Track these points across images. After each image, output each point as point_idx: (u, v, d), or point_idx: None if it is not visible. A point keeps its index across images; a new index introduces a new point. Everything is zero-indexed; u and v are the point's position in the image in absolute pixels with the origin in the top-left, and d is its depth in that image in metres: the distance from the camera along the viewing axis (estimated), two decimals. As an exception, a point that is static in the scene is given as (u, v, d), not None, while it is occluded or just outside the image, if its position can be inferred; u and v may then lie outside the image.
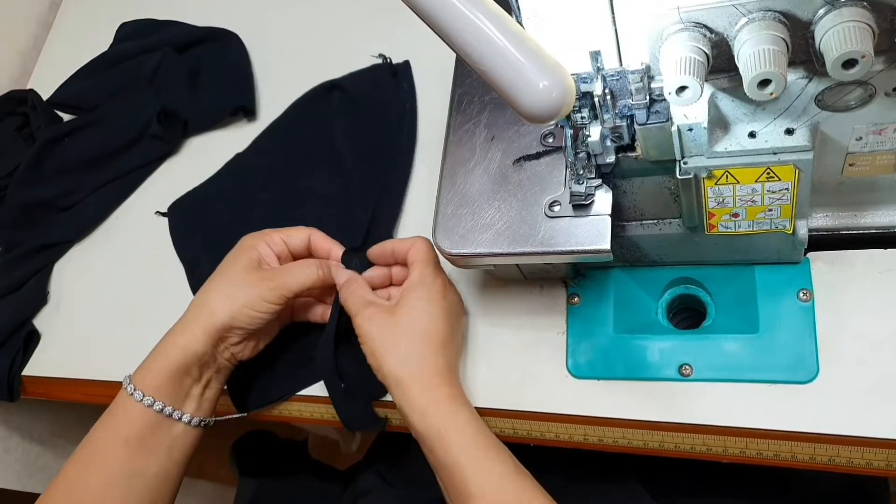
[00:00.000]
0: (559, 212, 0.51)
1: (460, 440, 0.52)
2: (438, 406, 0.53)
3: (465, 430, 0.52)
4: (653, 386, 0.56)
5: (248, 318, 0.58)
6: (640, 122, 0.45)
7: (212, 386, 0.60)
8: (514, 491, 0.50)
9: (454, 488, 0.52)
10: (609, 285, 0.59)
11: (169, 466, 0.57)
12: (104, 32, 0.92)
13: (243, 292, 0.58)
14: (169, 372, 0.56)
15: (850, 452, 0.51)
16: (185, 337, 0.57)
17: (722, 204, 0.50)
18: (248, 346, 0.61)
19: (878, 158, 0.48)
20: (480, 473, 0.51)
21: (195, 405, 0.58)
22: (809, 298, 0.54)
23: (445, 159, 0.57)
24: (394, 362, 0.55)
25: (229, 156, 0.79)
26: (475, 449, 0.52)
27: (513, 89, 0.37)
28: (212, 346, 0.58)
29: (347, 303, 0.59)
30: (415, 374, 0.54)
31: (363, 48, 0.79)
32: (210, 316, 0.57)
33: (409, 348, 0.55)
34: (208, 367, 0.59)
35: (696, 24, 0.40)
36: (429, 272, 0.57)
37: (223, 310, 0.57)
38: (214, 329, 0.57)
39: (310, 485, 0.79)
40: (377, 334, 0.56)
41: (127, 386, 0.56)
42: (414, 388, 0.54)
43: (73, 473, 0.55)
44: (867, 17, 0.37)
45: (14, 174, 0.84)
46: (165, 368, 0.56)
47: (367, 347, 0.56)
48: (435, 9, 0.37)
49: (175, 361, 0.56)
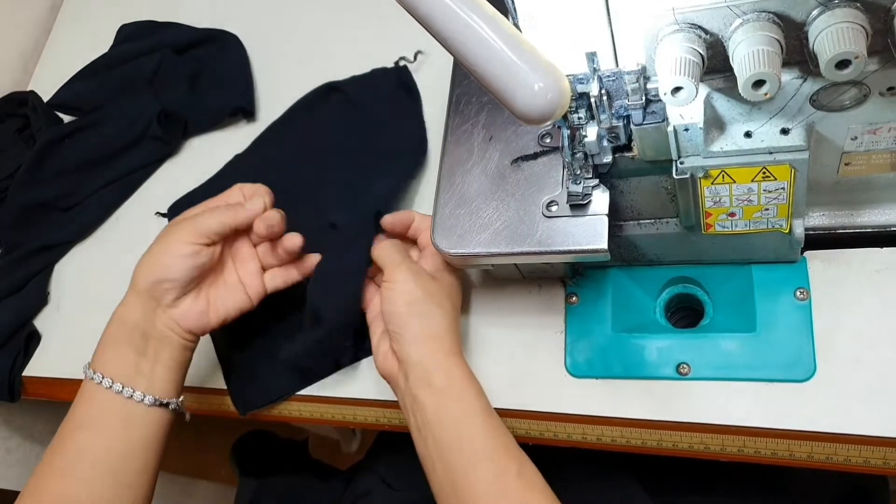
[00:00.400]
0: (557, 212, 0.52)
1: (478, 405, 0.53)
2: (464, 370, 0.54)
3: (482, 398, 0.53)
4: (651, 385, 0.56)
5: (169, 265, 0.57)
6: (636, 122, 0.45)
7: (161, 361, 0.58)
8: (517, 461, 0.51)
9: (450, 451, 0.52)
10: (607, 284, 0.59)
11: (131, 448, 0.55)
12: (104, 34, 0.93)
13: (160, 244, 0.58)
14: (112, 346, 0.56)
15: (847, 451, 0.51)
16: (121, 308, 0.57)
17: (718, 203, 0.50)
18: (187, 307, 0.59)
19: (873, 158, 0.48)
20: (490, 439, 0.52)
21: (146, 382, 0.56)
22: (806, 297, 0.54)
23: (443, 159, 0.57)
24: (434, 322, 0.54)
25: (229, 157, 0.80)
26: (489, 416, 0.53)
27: (508, 91, 0.37)
28: (148, 311, 0.57)
29: (384, 254, 0.58)
30: (451, 337, 0.55)
31: (362, 49, 0.79)
32: (135, 279, 0.57)
33: (448, 313, 0.56)
34: (150, 337, 0.57)
35: (692, 26, 0.41)
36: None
37: (145, 268, 0.57)
38: (143, 289, 0.56)
39: (310, 484, 0.79)
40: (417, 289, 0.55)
41: (86, 370, 0.56)
42: (447, 349, 0.54)
43: (40, 468, 0.55)
44: (860, 18, 0.37)
45: (15, 175, 0.84)
46: (108, 343, 0.56)
47: (400, 297, 0.55)
48: (430, 11, 0.37)
49: (114, 334, 0.56)
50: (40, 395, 0.78)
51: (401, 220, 0.61)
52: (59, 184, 0.83)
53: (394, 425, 0.64)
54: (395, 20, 0.79)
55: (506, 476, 0.50)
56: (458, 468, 0.51)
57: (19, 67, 0.98)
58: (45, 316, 0.80)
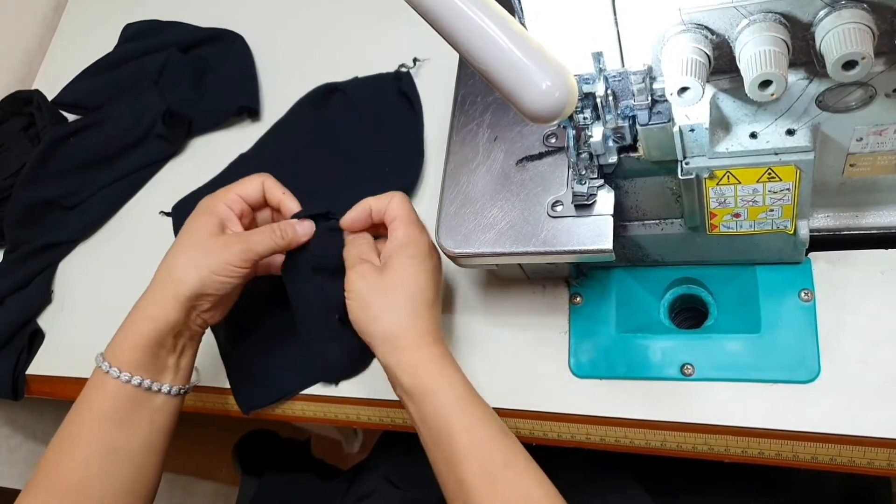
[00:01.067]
0: (561, 212, 0.52)
1: (452, 398, 0.52)
2: (430, 364, 0.53)
3: (455, 389, 0.52)
4: (655, 385, 0.56)
5: (218, 284, 0.57)
6: (641, 122, 0.45)
7: (186, 354, 0.59)
8: (502, 450, 0.51)
9: (439, 446, 0.51)
10: (611, 285, 0.59)
11: (152, 438, 0.57)
12: (109, 33, 0.93)
13: (210, 259, 0.57)
14: (143, 345, 0.56)
15: (851, 452, 0.51)
16: (155, 308, 0.57)
17: (723, 204, 0.50)
18: (217, 310, 0.60)
19: (878, 159, 0.48)
20: (469, 432, 0.51)
21: (172, 375, 0.58)
22: (811, 298, 0.54)
23: (448, 159, 0.57)
24: (385, 320, 0.54)
25: (233, 156, 0.80)
26: (464, 408, 0.52)
27: (516, 90, 0.37)
28: (184, 315, 0.57)
29: (346, 256, 0.58)
30: (408, 332, 0.54)
31: (367, 48, 0.80)
32: (179, 285, 0.57)
33: (401, 307, 0.54)
34: (181, 335, 0.58)
35: (698, 26, 0.41)
36: (414, 230, 0.57)
37: (192, 278, 0.57)
38: (185, 298, 0.57)
39: (312, 484, 0.79)
40: (367, 291, 0.55)
41: (101, 364, 0.56)
42: (406, 346, 0.53)
43: (53, 458, 0.55)
44: (867, 18, 0.37)
45: (19, 174, 0.84)
46: (139, 342, 0.56)
47: (355, 304, 0.56)
48: (439, 10, 0.37)
49: (148, 334, 0.56)
50: (44, 393, 0.78)
51: (357, 215, 0.60)
52: (64, 182, 0.83)
53: (396, 425, 0.64)
54: (400, 19, 0.79)
55: (491, 467, 0.50)
56: (450, 464, 0.51)
57: (24, 66, 0.99)
58: (48, 314, 0.80)
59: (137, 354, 0.56)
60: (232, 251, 0.57)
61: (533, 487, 0.49)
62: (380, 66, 0.77)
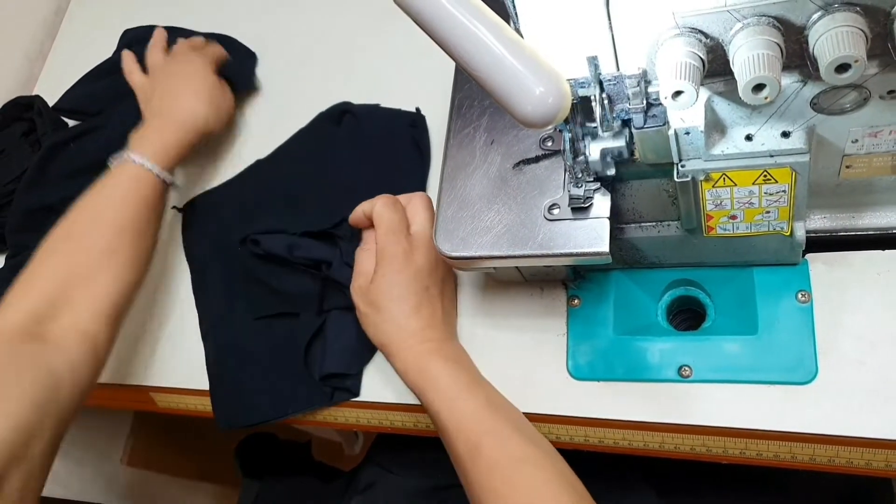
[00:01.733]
0: (558, 215, 0.52)
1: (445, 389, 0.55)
2: (413, 364, 0.57)
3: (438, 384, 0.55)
4: (653, 387, 0.56)
5: (223, 123, 0.76)
6: (637, 126, 0.46)
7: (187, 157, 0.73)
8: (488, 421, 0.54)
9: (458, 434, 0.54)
10: (609, 287, 0.60)
11: (158, 225, 0.69)
12: (109, 38, 0.93)
13: (224, 102, 0.77)
14: (185, 150, 0.71)
15: (849, 453, 0.52)
16: (190, 120, 0.72)
17: (720, 206, 0.50)
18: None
19: (874, 160, 0.48)
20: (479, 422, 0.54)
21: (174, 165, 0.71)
22: (808, 299, 0.54)
23: (446, 163, 0.57)
24: (379, 328, 0.58)
25: (232, 159, 0.80)
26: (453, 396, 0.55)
27: (509, 96, 0.37)
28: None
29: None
30: (393, 340, 0.58)
31: (366, 54, 0.80)
32: (197, 121, 0.72)
33: (384, 316, 0.58)
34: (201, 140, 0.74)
35: (692, 30, 0.41)
36: (389, 241, 0.59)
37: (214, 116, 0.75)
38: (207, 129, 0.74)
39: (313, 486, 0.80)
40: (361, 305, 0.60)
41: (143, 161, 0.67)
42: (394, 353, 0.58)
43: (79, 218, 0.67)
44: (860, 21, 0.37)
45: (20, 179, 0.84)
46: (185, 147, 0.71)
47: (359, 319, 0.61)
48: (433, 17, 0.37)
49: (192, 142, 0.72)
50: (45, 397, 0.78)
51: (360, 217, 0.63)
52: (65, 187, 0.82)
53: (396, 428, 0.64)
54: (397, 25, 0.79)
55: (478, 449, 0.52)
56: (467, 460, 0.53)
57: (25, 71, 0.99)
58: (49, 318, 0.80)
59: (178, 156, 0.71)
60: (231, 97, 0.80)
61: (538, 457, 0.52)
62: (380, 65, 0.78)
